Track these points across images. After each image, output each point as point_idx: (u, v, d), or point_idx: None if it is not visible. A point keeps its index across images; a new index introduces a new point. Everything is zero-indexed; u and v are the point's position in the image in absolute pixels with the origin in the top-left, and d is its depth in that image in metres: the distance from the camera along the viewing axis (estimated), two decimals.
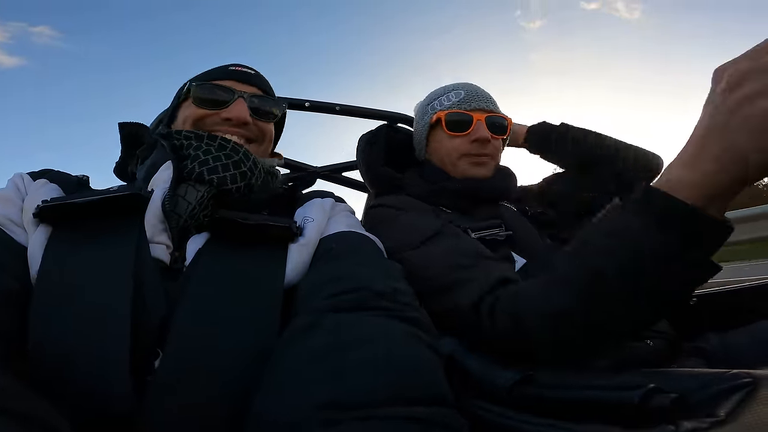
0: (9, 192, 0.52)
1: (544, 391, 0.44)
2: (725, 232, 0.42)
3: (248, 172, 0.58)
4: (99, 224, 0.48)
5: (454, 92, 0.90)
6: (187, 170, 0.56)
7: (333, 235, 0.56)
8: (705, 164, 0.40)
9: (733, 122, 0.38)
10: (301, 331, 0.40)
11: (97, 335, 0.39)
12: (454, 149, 0.87)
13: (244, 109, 0.64)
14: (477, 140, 0.85)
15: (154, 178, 0.55)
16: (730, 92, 0.39)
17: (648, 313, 0.48)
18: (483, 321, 0.56)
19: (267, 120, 0.68)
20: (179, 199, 0.53)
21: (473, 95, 0.88)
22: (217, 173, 0.56)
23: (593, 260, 0.47)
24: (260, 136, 0.67)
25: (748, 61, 0.39)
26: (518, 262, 0.74)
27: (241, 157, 0.58)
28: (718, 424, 0.31)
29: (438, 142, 0.90)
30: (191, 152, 0.57)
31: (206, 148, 0.57)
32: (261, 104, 0.67)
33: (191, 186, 0.55)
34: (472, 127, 0.85)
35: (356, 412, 0.30)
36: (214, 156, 0.57)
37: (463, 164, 0.87)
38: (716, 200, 0.41)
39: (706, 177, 0.40)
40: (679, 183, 0.42)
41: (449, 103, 0.89)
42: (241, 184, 0.58)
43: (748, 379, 0.35)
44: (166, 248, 0.50)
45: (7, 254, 0.44)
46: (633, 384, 0.37)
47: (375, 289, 0.45)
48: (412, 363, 0.36)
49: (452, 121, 0.87)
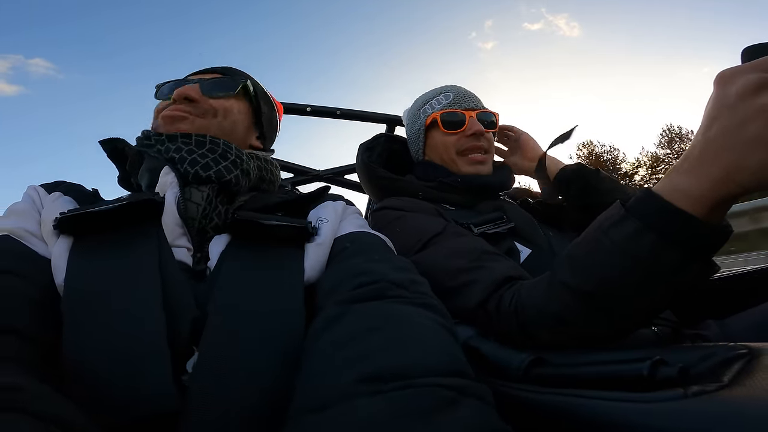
0: (25, 205, 0.53)
1: (556, 369, 0.46)
2: (725, 237, 0.43)
3: (237, 159, 0.61)
4: (118, 232, 0.49)
5: (444, 95, 0.97)
6: (181, 174, 0.57)
7: (346, 235, 0.58)
8: (711, 172, 0.39)
9: (744, 131, 0.37)
10: (329, 322, 0.41)
11: (134, 339, 0.39)
12: (453, 145, 0.93)
13: (188, 88, 0.65)
14: (473, 134, 0.92)
15: (159, 184, 0.56)
16: (746, 99, 0.37)
17: (645, 316, 0.49)
18: (491, 318, 0.59)
19: (220, 96, 0.68)
20: (188, 202, 0.55)
21: (462, 96, 0.96)
22: (211, 168, 0.58)
23: (595, 270, 0.47)
24: (212, 110, 0.66)
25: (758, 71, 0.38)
26: (523, 252, 0.76)
27: (223, 148, 0.60)
28: (723, 388, 0.33)
29: (436, 142, 0.95)
30: (174, 155, 0.58)
31: (187, 148, 0.59)
32: (212, 84, 0.68)
33: (194, 188, 0.57)
34: (467, 124, 0.92)
35: (394, 383, 0.32)
36: (200, 153, 0.58)
37: (462, 162, 0.92)
38: (719, 208, 0.41)
39: (711, 187, 0.40)
40: (683, 193, 0.41)
41: (441, 105, 0.96)
42: (237, 172, 0.60)
43: (744, 350, 0.38)
44: (188, 251, 0.51)
45: (29, 265, 0.45)
46: (640, 357, 0.40)
47: (393, 280, 0.46)
48: (437, 341, 0.38)
49: (448, 120, 0.93)
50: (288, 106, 1.36)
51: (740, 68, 0.39)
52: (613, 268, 0.46)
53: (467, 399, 0.32)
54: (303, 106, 1.37)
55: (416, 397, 0.31)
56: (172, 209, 0.52)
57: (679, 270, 0.43)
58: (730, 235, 0.44)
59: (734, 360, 0.37)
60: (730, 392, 0.32)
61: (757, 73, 0.38)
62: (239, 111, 0.70)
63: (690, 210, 0.41)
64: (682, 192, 0.42)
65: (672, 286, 0.45)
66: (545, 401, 0.43)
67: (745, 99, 0.37)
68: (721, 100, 0.39)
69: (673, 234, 0.42)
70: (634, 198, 0.46)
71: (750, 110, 0.37)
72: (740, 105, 0.38)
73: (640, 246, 0.43)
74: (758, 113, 0.37)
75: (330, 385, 0.33)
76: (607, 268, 0.46)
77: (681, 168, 0.43)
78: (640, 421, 0.35)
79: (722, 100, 0.39)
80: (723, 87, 0.40)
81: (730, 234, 0.43)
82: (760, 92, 0.37)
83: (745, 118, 0.37)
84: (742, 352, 0.38)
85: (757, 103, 0.37)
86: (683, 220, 0.41)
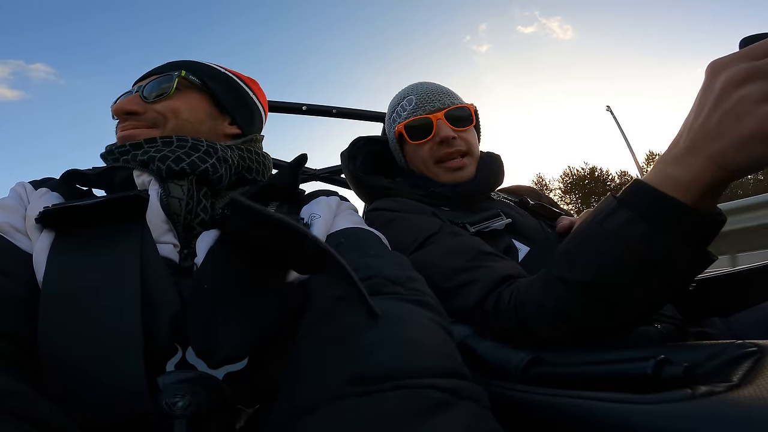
0: (11, 200, 0.52)
1: (556, 368, 0.45)
2: (719, 226, 0.43)
3: (210, 149, 0.58)
4: (102, 228, 0.47)
5: (407, 99, 0.89)
6: (155, 171, 0.55)
7: (340, 231, 0.57)
8: (698, 160, 0.40)
9: (728, 121, 0.38)
10: (320, 318, 0.40)
11: (109, 335, 0.38)
12: (426, 156, 0.86)
13: (126, 102, 0.62)
14: (443, 140, 0.84)
15: (138, 186, 0.55)
16: (730, 90, 0.38)
17: (646, 308, 0.49)
18: (489, 317, 0.58)
19: (160, 99, 0.63)
20: (169, 198, 0.53)
21: (425, 98, 0.87)
22: (183, 161, 0.55)
23: (591, 260, 0.47)
24: (159, 116, 0.63)
25: (748, 60, 0.38)
26: (521, 250, 0.75)
27: (192, 142, 0.58)
28: (733, 389, 0.31)
29: (411, 153, 0.90)
30: (144, 158, 0.56)
31: (155, 148, 0.57)
32: (148, 87, 0.64)
33: (172, 183, 0.55)
34: (434, 130, 0.84)
35: (385, 384, 0.30)
36: (169, 150, 0.56)
37: (440, 171, 0.86)
38: (709, 195, 0.41)
39: (698, 174, 0.40)
40: (673, 180, 0.42)
41: (405, 114, 0.88)
42: (212, 160, 0.57)
43: (753, 348, 0.36)
44: (174, 247, 0.50)
45: (10, 260, 0.44)
46: (643, 355, 0.38)
47: (388, 277, 0.45)
48: (431, 341, 0.37)
49: (412, 130, 0.86)
50: (284, 105, 1.36)
51: (731, 57, 0.39)
52: (608, 257, 0.46)
53: (462, 401, 0.31)
54: (299, 105, 1.37)
55: (408, 399, 0.29)
56: (156, 205, 0.51)
57: (673, 257, 0.43)
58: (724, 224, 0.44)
59: (743, 358, 0.35)
60: (741, 393, 0.31)
61: (747, 62, 0.38)
62: (190, 106, 0.65)
63: (680, 197, 0.42)
64: (671, 179, 0.42)
65: (668, 275, 0.44)
66: (544, 402, 0.42)
67: (730, 90, 0.38)
68: (708, 90, 0.40)
69: (663, 220, 0.42)
70: (625, 189, 0.47)
71: (733, 101, 0.37)
72: (724, 95, 0.38)
73: (633, 233, 0.44)
74: (741, 104, 0.37)
75: (319, 386, 0.32)
76: (602, 257, 0.46)
77: (669, 156, 0.43)
78: (644, 423, 0.33)
79: (709, 91, 0.40)
80: (712, 77, 0.40)
81: (723, 223, 0.44)
82: (745, 83, 0.37)
83: (729, 109, 0.38)
84: (752, 350, 0.36)
85: (739, 94, 0.37)
86: (673, 207, 0.42)
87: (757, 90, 0.36)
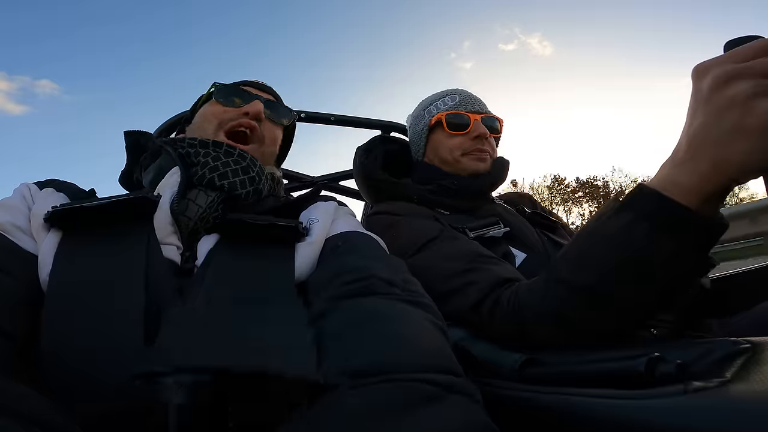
0: (14, 200, 0.52)
1: (550, 368, 0.45)
2: (720, 230, 0.43)
3: (256, 177, 0.60)
4: (109, 229, 0.48)
5: (450, 97, 0.97)
6: (197, 177, 0.57)
7: (338, 234, 0.57)
8: (699, 166, 0.40)
9: (721, 123, 0.38)
10: (317, 317, 0.41)
11: (112, 334, 0.39)
12: (456, 147, 0.92)
13: (261, 106, 0.68)
14: (477, 137, 0.91)
15: (161, 183, 0.56)
16: (717, 92, 0.38)
17: (645, 311, 0.49)
18: (483, 320, 0.58)
19: (277, 123, 0.72)
20: (189, 203, 0.55)
21: (468, 99, 0.96)
22: (228, 179, 0.57)
23: (593, 262, 0.47)
24: (266, 137, 0.69)
25: (732, 62, 0.38)
26: (518, 257, 0.75)
27: (248, 163, 0.60)
28: (725, 384, 0.31)
29: (439, 142, 0.95)
30: (200, 159, 0.58)
31: (214, 155, 0.59)
32: (273, 108, 0.72)
33: (201, 191, 0.56)
34: (471, 126, 0.92)
35: (380, 377, 0.31)
36: (223, 162, 0.58)
37: (466, 159, 0.92)
38: (712, 200, 0.41)
39: (701, 179, 0.40)
40: (675, 185, 0.42)
41: (446, 107, 0.95)
42: (250, 188, 0.59)
43: (746, 345, 0.36)
44: (177, 249, 0.51)
45: (12, 260, 0.44)
46: (636, 354, 0.38)
47: (384, 278, 0.46)
48: (426, 340, 0.37)
49: (453, 121, 0.93)
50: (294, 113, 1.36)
51: (714, 61, 0.40)
52: (609, 259, 0.46)
53: (453, 396, 0.31)
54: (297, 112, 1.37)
55: (397, 391, 0.30)
56: (165, 208, 0.52)
57: (674, 260, 0.43)
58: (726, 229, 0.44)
59: (736, 355, 0.35)
60: (733, 388, 0.31)
61: (730, 64, 0.38)
62: (278, 140, 0.73)
63: (683, 201, 0.42)
64: (674, 184, 0.42)
65: (669, 279, 0.44)
66: (538, 400, 0.42)
67: (717, 91, 0.38)
68: (697, 94, 0.41)
69: (665, 224, 0.42)
70: (628, 192, 0.47)
71: (722, 102, 0.38)
72: (713, 98, 0.39)
73: (634, 236, 0.44)
74: (730, 104, 0.37)
75: None
76: (604, 258, 0.46)
77: (672, 162, 0.43)
78: (637, 417, 0.33)
79: (698, 95, 0.41)
80: (698, 81, 0.41)
81: (725, 228, 0.44)
82: (730, 83, 0.38)
83: (720, 111, 0.38)
84: (745, 346, 0.36)
85: (727, 95, 0.37)
86: (675, 210, 0.42)
87: (743, 89, 0.37)
